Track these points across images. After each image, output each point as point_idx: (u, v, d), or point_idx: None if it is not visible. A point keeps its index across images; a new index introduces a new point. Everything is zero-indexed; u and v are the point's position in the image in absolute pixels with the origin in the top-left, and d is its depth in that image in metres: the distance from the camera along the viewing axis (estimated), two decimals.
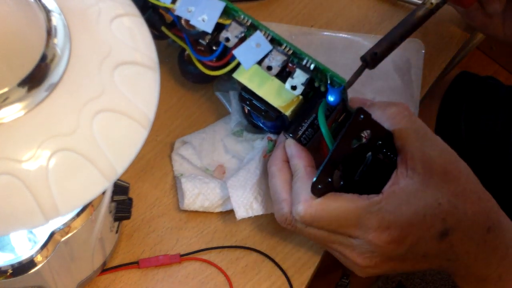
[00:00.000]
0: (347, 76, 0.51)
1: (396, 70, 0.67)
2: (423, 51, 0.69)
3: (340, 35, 0.70)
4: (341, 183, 0.49)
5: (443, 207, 0.47)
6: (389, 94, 0.66)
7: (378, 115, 0.50)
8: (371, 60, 0.52)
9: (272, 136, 0.57)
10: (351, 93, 0.52)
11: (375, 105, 0.51)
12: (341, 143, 0.48)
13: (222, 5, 0.54)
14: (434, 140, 0.49)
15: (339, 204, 0.47)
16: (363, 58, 0.53)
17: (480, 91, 0.84)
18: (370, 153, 0.49)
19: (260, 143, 0.59)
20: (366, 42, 0.69)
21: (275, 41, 0.53)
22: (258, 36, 0.53)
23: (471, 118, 0.82)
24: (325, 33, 0.70)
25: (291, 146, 0.52)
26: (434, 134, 0.50)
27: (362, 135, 0.48)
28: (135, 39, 0.37)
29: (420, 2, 0.72)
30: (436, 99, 0.86)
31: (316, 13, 0.72)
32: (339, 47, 0.69)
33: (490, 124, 0.81)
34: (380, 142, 0.49)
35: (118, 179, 0.49)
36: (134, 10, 0.39)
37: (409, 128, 0.49)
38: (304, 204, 0.48)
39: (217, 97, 0.65)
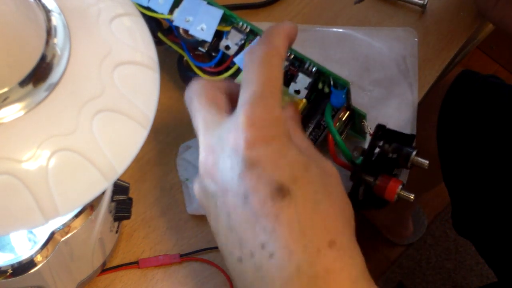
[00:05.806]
0: (343, 71, 0.51)
1: (391, 60, 0.67)
2: (416, 38, 0.69)
3: (333, 29, 0.70)
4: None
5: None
6: (387, 84, 0.66)
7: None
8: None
9: None
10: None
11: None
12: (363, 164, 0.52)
13: (220, 12, 0.54)
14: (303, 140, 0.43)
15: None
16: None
17: (482, 90, 0.84)
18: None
19: None
20: (360, 35, 0.69)
21: None
22: None
23: (473, 117, 0.82)
24: (318, 28, 0.70)
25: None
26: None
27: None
28: (135, 39, 0.37)
29: (421, 1, 0.73)
30: (438, 98, 0.86)
31: (316, 13, 0.72)
32: (333, 42, 0.68)
33: (492, 123, 0.81)
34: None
35: (118, 179, 0.49)
36: (134, 10, 0.39)
37: None
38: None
39: None
